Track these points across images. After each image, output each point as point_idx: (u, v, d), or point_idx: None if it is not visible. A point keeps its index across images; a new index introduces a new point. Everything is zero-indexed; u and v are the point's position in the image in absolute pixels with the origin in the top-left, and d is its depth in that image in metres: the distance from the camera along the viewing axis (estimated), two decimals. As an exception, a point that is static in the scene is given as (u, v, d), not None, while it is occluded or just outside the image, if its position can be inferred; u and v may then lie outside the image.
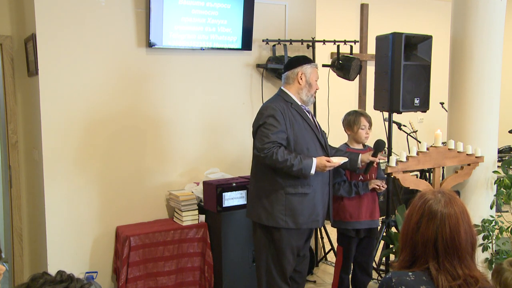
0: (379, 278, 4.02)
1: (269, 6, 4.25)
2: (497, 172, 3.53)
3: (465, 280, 1.51)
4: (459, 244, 1.53)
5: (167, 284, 3.55)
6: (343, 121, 3.52)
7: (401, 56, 3.50)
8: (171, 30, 3.70)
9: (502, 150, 5.98)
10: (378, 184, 3.34)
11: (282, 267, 2.95)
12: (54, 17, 3.37)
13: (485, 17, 3.42)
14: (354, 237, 3.42)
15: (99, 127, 3.60)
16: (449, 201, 1.57)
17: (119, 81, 3.65)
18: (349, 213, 3.36)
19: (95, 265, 3.64)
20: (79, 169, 3.55)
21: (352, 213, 3.36)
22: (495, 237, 3.49)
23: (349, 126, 3.45)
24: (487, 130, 3.52)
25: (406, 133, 5.49)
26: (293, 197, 2.88)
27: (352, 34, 6.47)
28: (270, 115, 2.84)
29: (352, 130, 3.44)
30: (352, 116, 3.44)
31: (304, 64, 3.01)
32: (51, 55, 3.39)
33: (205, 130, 4.04)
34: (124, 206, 3.73)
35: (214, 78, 4.05)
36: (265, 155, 2.77)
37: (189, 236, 3.64)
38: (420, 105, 3.67)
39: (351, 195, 3.31)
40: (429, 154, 3.26)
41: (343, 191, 3.31)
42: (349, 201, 3.37)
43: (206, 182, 3.70)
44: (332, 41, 4.31)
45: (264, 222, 2.91)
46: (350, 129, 3.45)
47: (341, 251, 3.48)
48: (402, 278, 1.53)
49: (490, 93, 3.49)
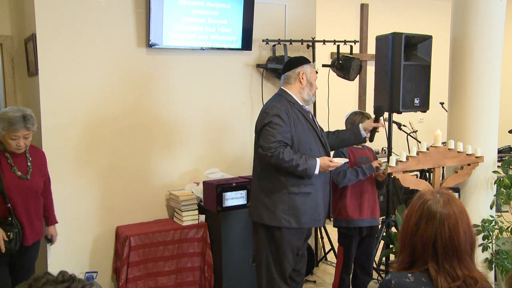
0: (379, 278, 4.03)
1: (269, 6, 4.25)
2: (497, 172, 3.53)
3: (465, 281, 1.51)
4: (458, 245, 1.53)
5: (167, 284, 3.56)
6: (348, 119, 3.52)
7: (401, 56, 3.50)
8: (171, 30, 3.70)
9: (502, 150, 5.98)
10: (379, 163, 3.35)
11: (282, 267, 2.96)
12: (54, 17, 3.38)
13: (485, 17, 3.42)
14: (356, 236, 3.42)
15: (99, 127, 3.61)
16: (448, 202, 1.57)
17: (119, 82, 3.65)
18: (351, 211, 3.36)
19: (95, 265, 3.64)
20: (79, 169, 3.55)
21: (355, 211, 3.37)
22: (495, 237, 3.49)
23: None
24: (487, 130, 3.52)
25: (406, 133, 5.49)
26: (296, 197, 2.88)
27: (352, 34, 6.48)
28: (275, 114, 2.84)
29: None
30: (358, 117, 3.47)
31: (304, 64, 3.01)
32: (51, 55, 3.39)
33: (205, 130, 4.04)
34: (124, 206, 3.74)
35: (214, 78, 4.05)
36: (271, 154, 2.77)
37: (189, 236, 3.64)
38: (420, 105, 3.67)
39: (359, 177, 3.30)
40: (429, 154, 3.26)
41: (350, 176, 3.29)
42: (351, 200, 3.37)
43: (206, 182, 3.70)
44: (332, 41, 4.32)
45: (266, 222, 2.91)
46: None
47: (342, 252, 3.48)
48: (401, 280, 1.53)
49: (490, 93, 3.48)
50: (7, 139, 2.79)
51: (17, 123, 2.75)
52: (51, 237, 3.21)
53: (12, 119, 2.74)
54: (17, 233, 2.83)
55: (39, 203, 3.00)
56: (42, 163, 3.05)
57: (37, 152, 3.04)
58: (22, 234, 2.86)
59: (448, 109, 3.73)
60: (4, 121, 2.75)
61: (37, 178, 2.95)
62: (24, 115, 2.78)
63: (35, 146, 3.06)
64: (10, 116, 2.75)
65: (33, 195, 2.93)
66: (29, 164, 2.92)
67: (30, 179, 2.89)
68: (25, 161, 2.92)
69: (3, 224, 2.81)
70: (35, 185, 2.93)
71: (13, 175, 2.85)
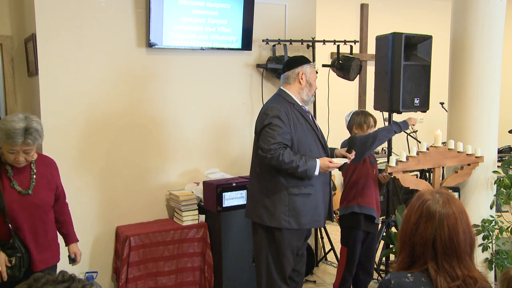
0: (379, 278, 4.03)
1: (269, 6, 4.25)
2: (497, 172, 3.53)
3: (464, 280, 1.51)
4: (457, 245, 1.53)
5: (167, 284, 3.56)
6: (350, 121, 3.50)
7: (401, 56, 3.50)
8: (171, 30, 3.70)
9: (502, 150, 5.98)
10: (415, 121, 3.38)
11: (282, 267, 2.95)
12: (54, 17, 3.38)
13: (485, 17, 3.42)
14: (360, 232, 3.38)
15: (99, 127, 3.61)
16: (447, 201, 1.56)
17: (119, 82, 3.65)
18: (366, 197, 3.35)
19: (95, 265, 3.64)
20: (79, 169, 3.55)
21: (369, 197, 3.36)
22: (495, 237, 3.50)
23: (360, 126, 3.46)
24: (487, 130, 3.52)
25: (406, 133, 5.49)
26: (296, 198, 2.88)
27: (352, 34, 6.48)
28: (275, 116, 2.83)
29: (362, 130, 3.45)
30: (361, 117, 3.47)
31: (304, 64, 3.01)
32: (51, 55, 3.39)
33: (205, 130, 4.04)
34: (124, 206, 3.74)
35: (214, 78, 4.05)
36: (271, 155, 2.77)
37: (189, 236, 3.64)
38: (420, 105, 3.68)
39: (391, 133, 3.28)
40: (429, 154, 3.26)
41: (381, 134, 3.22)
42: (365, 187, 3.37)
43: (206, 182, 3.70)
44: (332, 41, 4.32)
45: (266, 223, 2.91)
46: (360, 129, 3.46)
47: (346, 252, 3.44)
48: (401, 280, 1.53)
49: (490, 93, 3.49)
50: (5, 152, 2.42)
51: (16, 136, 2.34)
52: (74, 255, 2.81)
53: (11, 131, 2.33)
54: (21, 257, 2.45)
55: (49, 221, 2.62)
56: (53, 174, 2.66)
57: (45, 162, 2.65)
58: (28, 258, 2.49)
59: (448, 109, 3.73)
60: (2, 131, 2.36)
61: (43, 192, 2.56)
62: (27, 127, 2.37)
63: (43, 155, 2.69)
64: (9, 128, 2.34)
65: (39, 213, 2.54)
66: (33, 177, 2.53)
67: (32, 195, 2.50)
68: (28, 174, 2.53)
69: (4, 248, 2.44)
70: (39, 201, 2.53)
71: (12, 191, 2.46)
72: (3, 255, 2.42)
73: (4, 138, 2.36)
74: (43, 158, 2.66)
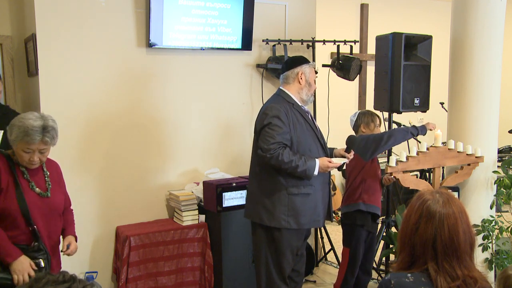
0: (378, 278, 4.03)
1: (269, 6, 4.25)
2: (497, 172, 3.53)
3: (464, 280, 1.51)
4: (457, 245, 1.53)
5: (167, 284, 3.56)
6: (357, 120, 3.49)
7: (401, 56, 3.50)
8: (171, 30, 3.70)
9: (502, 150, 5.98)
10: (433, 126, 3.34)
11: (281, 267, 2.96)
12: (54, 17, 3.38)
13: (485, 17, 3.42)
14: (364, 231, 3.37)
15: (99, 127, 3.61)
16: (447, 201, 1.57)
17: (119, 82, 3.65)
18: (373, 195, 3.35)
19: (95, 265, 3.64)
20: (79, 169, 3.55)
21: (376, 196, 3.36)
22: (495, 237, 3.50)
23: (367, 125, 3.46)
24: (487, 130, 3.52)
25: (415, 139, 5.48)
26: (295, 198, 2.88)
27: (352, 34, 6.48)
28: (275, 116, 2.83)
29: (369, 128, 3.46)
30: (369, 116, 3.48)
31: (303, 64, 3.01)
32: (51, 55, 3.39)
33: (205, 130, 4.04)
34: (124, 206, 3.74)
35: (214, 78, 4.05)
36: (271, 155, 2.77)
37: (189, 236, 3.64)
38: (420, 105, 3.68)
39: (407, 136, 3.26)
40: (429, 154, 3.26)
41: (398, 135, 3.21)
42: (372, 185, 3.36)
43: (206, 182, 3.70)
44: (332, 41, 4.32)
45: (266, 223, 2.91)
46: (367, 128, 3.47)
47: (348, 253, 3.42)
48: (401, 280, 1.53)
49: (490, 93, 3.49)
50: (19, 151, 2.31)
51: (34, 134, 2.26)
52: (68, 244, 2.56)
53: (29, 129, 2.25)
54: (47, 258, 2.36)
55: (60, 226, 2.53)
56: (60, 178, 2.59)
57: (51, 164, 2.57)
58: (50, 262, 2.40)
59: (448, 109, 3.73)
60: (19, 129, 2.27)
61: (58, 196, 2.49)
62: (45, 125, 2.30)
63: (49, 158, 2.55)
64: (27, 125, 2.26)
65: (55, 216, 2.47)
66: (47, 179, 2.45)
67: (51, 197, 2.42)
68: (43, 176, 2.45)
69: (28, 252, 2.33)
70: (57, 204, 2.47)
71: (31, 193, 2.36)
72: (28, 260, 2.32)
73: (21, 136, 2.26)
74: (50, 161, 2.56)
